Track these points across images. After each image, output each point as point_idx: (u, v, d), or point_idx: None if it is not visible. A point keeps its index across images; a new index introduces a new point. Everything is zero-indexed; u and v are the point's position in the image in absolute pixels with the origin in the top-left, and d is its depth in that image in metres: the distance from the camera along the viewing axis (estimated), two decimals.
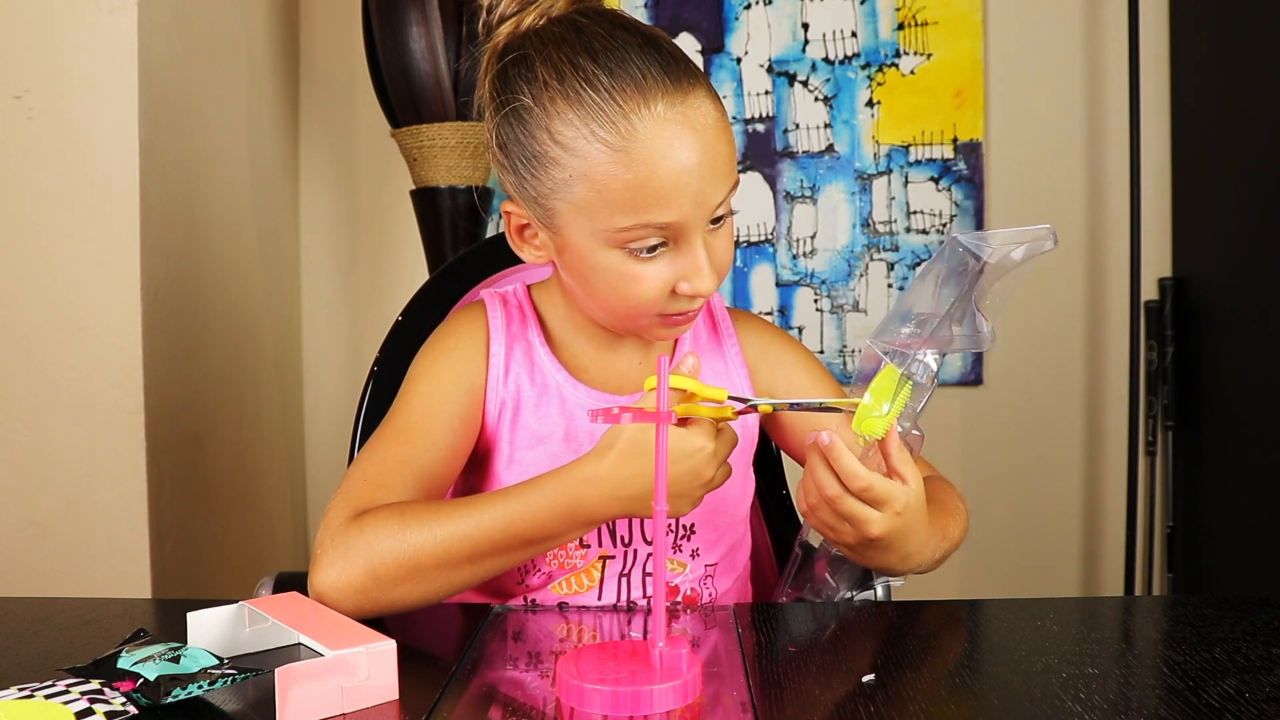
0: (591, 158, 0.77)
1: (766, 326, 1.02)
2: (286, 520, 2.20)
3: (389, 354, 1.15)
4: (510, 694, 0.69)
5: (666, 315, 0.83)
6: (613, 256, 0.80)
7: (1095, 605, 0.84)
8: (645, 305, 0.82)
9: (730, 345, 0.98)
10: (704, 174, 0.77)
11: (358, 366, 2.29)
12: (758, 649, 0.75)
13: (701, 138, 0.77)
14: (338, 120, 2.30)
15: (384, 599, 0.76)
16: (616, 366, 0.93)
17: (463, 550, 0.76)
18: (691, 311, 0.84)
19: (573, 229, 0.81)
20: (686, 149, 0.76)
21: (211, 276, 1.81)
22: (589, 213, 0.79)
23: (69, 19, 1.49)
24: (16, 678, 0.65)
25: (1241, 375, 1.96)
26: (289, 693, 0.60)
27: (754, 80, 2.24)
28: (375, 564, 0.75)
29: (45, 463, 1.52)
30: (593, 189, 0.77)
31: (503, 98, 0.82)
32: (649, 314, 0.83)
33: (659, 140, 0.76)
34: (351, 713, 0.62)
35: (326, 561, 0.75)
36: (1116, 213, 2.20)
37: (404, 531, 0.75)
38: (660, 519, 0.64)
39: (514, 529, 0.77)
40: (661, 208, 0.77)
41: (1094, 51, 2.22)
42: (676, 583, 0.93)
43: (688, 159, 0.76)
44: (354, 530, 0.76)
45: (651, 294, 0.81)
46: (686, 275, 0.80)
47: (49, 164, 1.50)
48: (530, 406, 0.91)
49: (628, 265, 0.80)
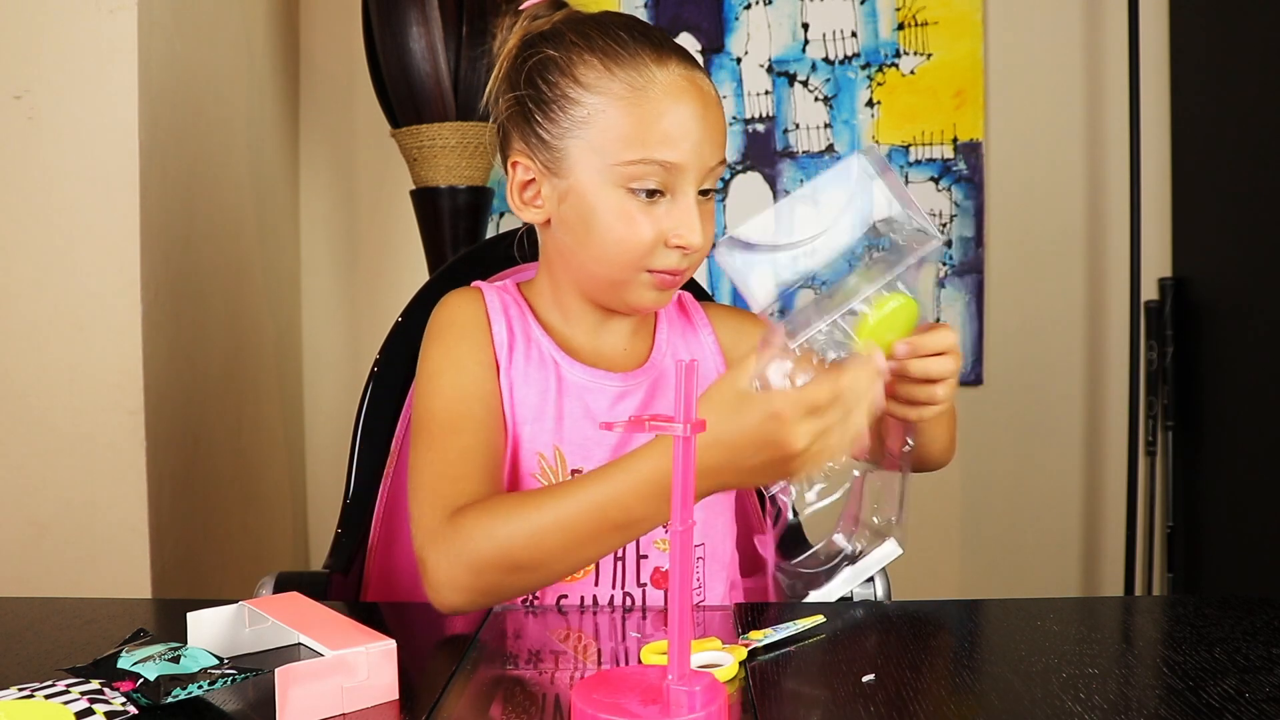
0: (612, 92, 0.85)
1: (736, 311, 1.05)
2: (286, 520, 2.20)
3: (389, 355, 1.15)
4: (510, 694, 0.69)
5: (655, 272, 0.88)
6: (615, 195, 0.86)
7: (1095, 605, 0.84)
8: (638, 250, 0.86)
9: (705, 332, 1.01)
10: (706, 132, 0.86)
11: (358, 367, 2.29)
12: (758, 649, 0.75)
13: (706, 101, 0.87)
14: (338, 120, 2.30)
15: (491, 593, 0.78)
16: (603, 350, 0.96)
17: (555, 542, 0.76)
18: (678, 271, 0.88)
19: (581, 167, 0.87)
20: (694, 103, 0.86)
21: (211, 276, 1.81)
22: (600, 148, 0.86)
23: (69, 19, 1.49)
24: (16, 678, 0.65)
25: (1241, 375, 1.96)
26: (289, 693, 0.60)
27: (754, 80, 2.24)
28: (474, 562, 0.76)
29: (45, 463, 1.52)
30: (608, 123, 0.85)
31: (525, 54, 0.90)
32: (639, 265, 0.87)
33: (673, 88, 0.85)
34: (351, 713, 0.62)
35: (433, 565, 0.77)
36: (1116, 213, 2.20)
37: (494, 527, 0.76)
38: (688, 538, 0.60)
39: (604, 514, 0.76)
40: (668, 147, 0.84)
41: (1094, 51, 2.22)
42: (667, 569, 0.93)
43: (695, 111, 0.85)
44: (450, 531, 0.78)
45: (645, 238, 0.86)
46: (678, 226, 0.86)
47: (49, 164, 1.50)
48: (529, 383, 0.93)
49: (627, 205, 0.86)
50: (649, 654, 0.71)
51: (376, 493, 1.12)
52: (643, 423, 0.61)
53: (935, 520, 2.23)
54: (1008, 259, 2.24)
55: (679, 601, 0.60)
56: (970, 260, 2.23)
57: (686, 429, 0.59)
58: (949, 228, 2.23)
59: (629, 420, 0.62)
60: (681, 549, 0.60)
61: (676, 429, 0.59)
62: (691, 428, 0.59)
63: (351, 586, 1.07)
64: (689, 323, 1.02)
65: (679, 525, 0.60)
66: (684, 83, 0.86)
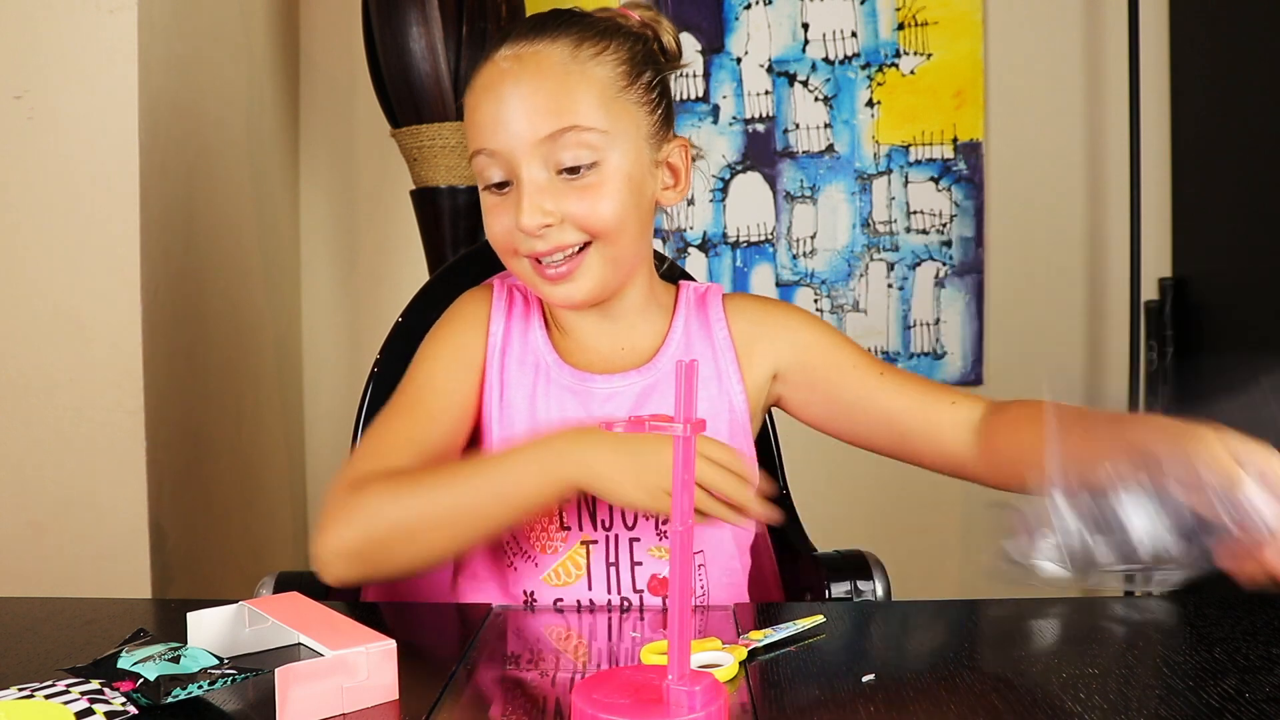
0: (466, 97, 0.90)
1: (759, 301, 1.02)
2: (286, 520, 2.20)
3: (389, 355, 1.15)
4: (510, 694, 0.69)
5: (532, 259, 0.88)
6: (483, 193, 0.89)
7: (1095, 605, 0.84)
8: (501, 241, 0.89)
9: (719, 329, 0.98)
10: (522, 106, 0.85)
11: (358, 367, 2.29)
12: (758, 649, 0.75)
13: (525, 74, 0.85)
14: (338, 120, 2.30)
15: (381, 563, 0.80)
16: (601, 349, 0.96)
17: (448, 512, 0.79)
18: (547, 255, 0.87)
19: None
20: (505, 83, 0.85)
21: (211, 276, 1.81)
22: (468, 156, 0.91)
23: (69, 19, 1.49)
24: (16, 678, 0.65)
25: (1241, 375, 1.96)
26: (289, 693, 0.60)
27: (754, 80, 2.24)
28: (369, 528, 0.78)
29: (45, 463, 1.52)
30: (466, 133, 0.90)
31: None
32: (511, 252, 0.89)
33: (489, 77, 0.87)
34: (351, 713, 0.62)
35: (327, 526, 0.79)
36: (1116, 213, 2.20)
37: (397, 496, 0.79)
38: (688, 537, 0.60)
39: (496, 488, 0.79)
40: (484, 136, 0.86)
41: (1094, 51, 2.22)
42: (665, 576, 0.93)
43: (505, 92, 0.85)
44: (352, 497, 0.80)
45: (499, 227, 0.88)
46: (514, 208, 0.86)
47: (49, 164, 1.50)
48: (518, 384, 0.94)
49: (486, 201, 0.89)
50: (649, 654, 0.71)
51: None
52: (643, 422, 0.61)
53: (935, 520, 2.23)
54: (1008, 259, 2.24)
55: (679, 602, 0.60)
56: (970, 260, 2.23)
57: (686, 429, 0.59)
58: (949, 228, 2.23)
59: (628, 420, 0.61)
60: (681, 549, 0.60)
61: (676, 429, 0.59)
62: (691, 428, 0.59)
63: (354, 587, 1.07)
64: (705, 317, 0.99)
65: (679, 525, 0.60)
66: (504, 66, 0.86)
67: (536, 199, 0.85)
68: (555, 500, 0.80)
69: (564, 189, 0.86)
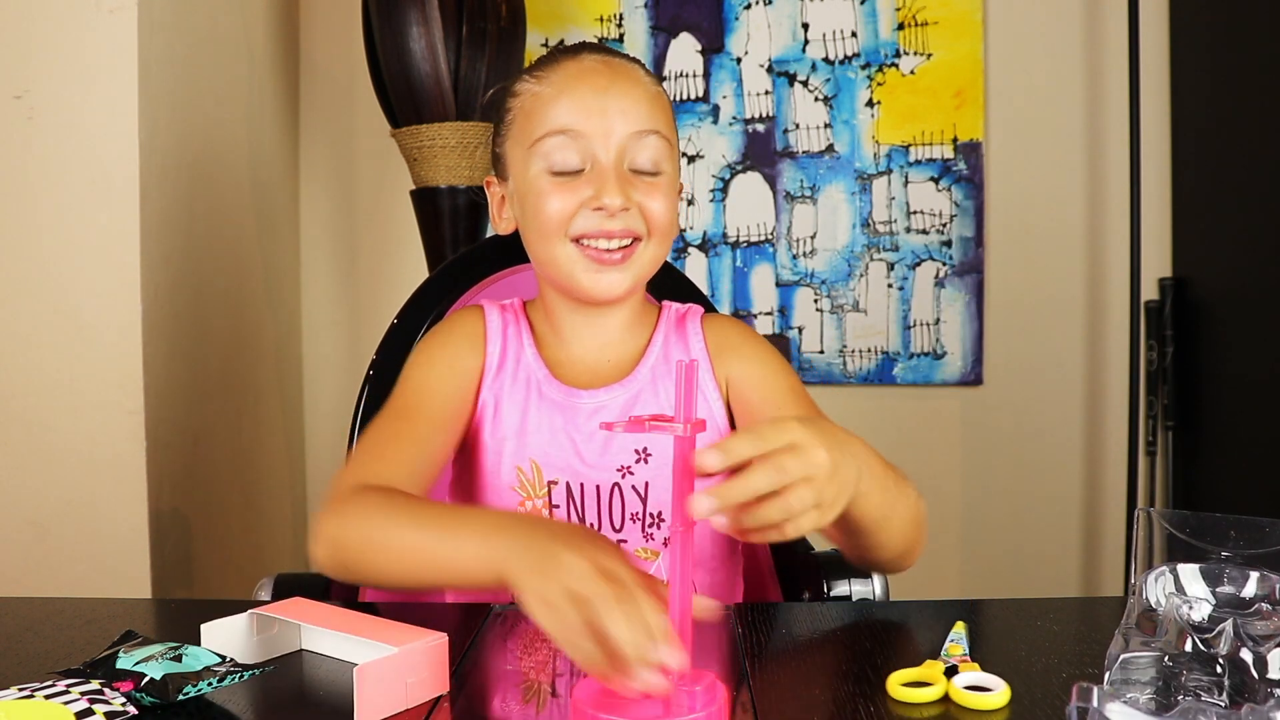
0: (530, 90, 0.94)
1: (732, 322, 1.05)
2: (286, 520, 2.20)
3: (386, 356, 1.15)
4: (510, 693, 0.69)
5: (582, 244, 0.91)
6: (539, 175, 0.92)
7: (1095, 605, 0.84)
8: (555, 220, 0.91)
9: (695, 342, 1.01)
10: (620, 100, 0.91)
11: (358, 366, 2.29)
12: (758, 649, 0.75)
13: (616, 77, 0.92)
14: (338, 120, 2.30)
15: (350, 566, 0.81)
16: (589, 360, 0.99)
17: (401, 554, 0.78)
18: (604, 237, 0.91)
19: (516, 162, 0.95)
20: (599, 77, 0.92)
21: (211, 277, 1.81)
22: (521, 138, 0.94)
23: (69, 19, 1.49)
24: (16, 678, 0.65)
25: (1241, 375, 1.96)
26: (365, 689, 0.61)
27: (754, 80, 2.24)
28: (343, 534, 0.80)
29: (45, 463, 1.52)
30: (526, 112, 0.94)
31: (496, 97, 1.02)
32: (562, 230, 0.91)
33: (578, 68, 0.93)
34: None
35: (319, 518, 0.81)
36: (1116, 213, 2.20)
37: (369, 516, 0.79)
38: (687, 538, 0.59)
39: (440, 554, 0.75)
40: (571, 118, 0.90)
41: (1094, 51, 2.22)
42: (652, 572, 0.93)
43: (599, 84, 0.91)
44: (346, 503, 0.81)
45: (557, 206, 0.90)
46: (597, 189, 0.90)
47: (49, 164, 1.50)
48: (512, 401, 0.97)
49: (546, 182, 0.91)
50: None
51: None
52: (643, 423, 0.60)
53: (935, 520, 2.22)
54: (1008, 259, 2.24)
55: (679, 602, 0.60)
56: (970, 260, 2.23)
57: (686, 429, 0.59)
58: (949, 228, 2.23)
59: (629, 420, 0.61)
60: (681, 550, 0.60)
61: (676, 429, 0.59)
62: (691, 428, 0.59)
63: (351, 586, 1.07)
64: (683, 332, 1.02)
65: (679, 526, 0.60)
66: (592, 64, 0.93)
67: (621, 182, 0.90)
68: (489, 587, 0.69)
69: (635, 182, 0.92)
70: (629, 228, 0.91)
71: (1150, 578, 0.69)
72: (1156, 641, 0.61)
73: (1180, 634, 0.61)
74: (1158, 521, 0.72)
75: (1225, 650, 0.59)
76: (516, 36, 1.94)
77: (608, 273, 0.92)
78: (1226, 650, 0.59)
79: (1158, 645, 0.61)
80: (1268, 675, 0.58)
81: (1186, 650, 0.60)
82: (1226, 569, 0.68)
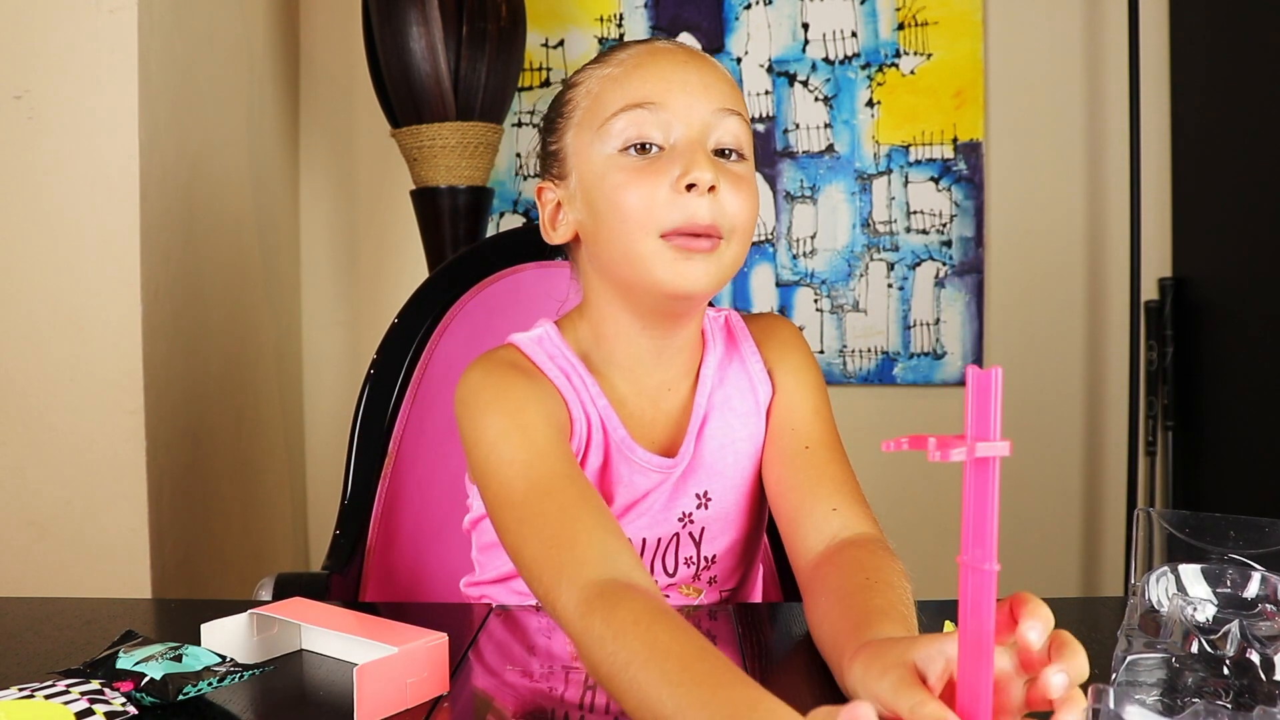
0: (593, 77, 0.85)
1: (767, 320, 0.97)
2: (286, 520, 2.20)
3: (386, 356, 1.15)
4: (510, 693, 0.69)
5: (671, 237, 0.79)
6: (612, 161, 0.81)
7: (1095, 605, 0.84)
8: (641, 212, 0.79)
9: (753, 362, 0.93)
10: (703, 77, 0.83)
11: (358, 366, 2.29)
12: (758, 649, 0.75)
13: (691, 55, 0.84)
14: (338, 120, 2.30)
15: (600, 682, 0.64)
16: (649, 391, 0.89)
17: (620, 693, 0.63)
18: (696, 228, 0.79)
19: (579, 153, 0.84)
20: (675, 55, 0.84)
21: (211, 276, 1.81)
22: (588, 122, 0.84)
23: (69, 19, 1.49)
24: (16, 678, 0.65)
25: (1241, 375, 1.96)
26: (365, 689, 0.61)
27: (754, 80, 2.24)
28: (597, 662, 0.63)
29: (45, 463, 1.52)
30: (592, 96, 0.84)
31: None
32: (650, 223, 0.79)
33: (648, 49, 0.85)
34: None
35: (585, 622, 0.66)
36: (1116, 213, 2.20)
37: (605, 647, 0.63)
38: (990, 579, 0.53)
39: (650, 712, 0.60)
40: (654, 91, 0.81)
41: (1094, 51, 2.22)
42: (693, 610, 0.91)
43: (676, 60, 0.83)
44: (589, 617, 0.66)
45: (641, 195, 0.79)
46: (685, 167, 0.78)
47: (49, 164, 1.50)
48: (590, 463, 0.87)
49: (626, 164, 0.81)
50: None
51: (374, 494, 1.12)
52: (925, 442, 0.50)
53: (935, 520, 2.23)
54: (1008, 259, 2.24)
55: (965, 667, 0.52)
56: (970, 260, 2.23)
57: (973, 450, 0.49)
58: (949, 228, 2.23)
59: (909, 438, 0.50)
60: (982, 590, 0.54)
61: (1000, 448, 0.50)
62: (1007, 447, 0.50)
63: (350, 586, 1.07)
64: (733, 346, 0.94)
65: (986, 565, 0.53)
66: (665, 45, 0.85)
67: (707, 159, 0.79)
68: None
69: (721, 166, 0.81)
70: (725, 211, 0.80)
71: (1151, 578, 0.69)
72: (1161, 643, 0.61)
73: (1186, 635, 0.61)
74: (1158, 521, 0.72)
75: (1232, 652, 0.59)
76: (516, 36, 1.94)
77: (695, 261, 0.79)
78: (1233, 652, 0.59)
79: (1163, 646, 0.61)
80: (1275, 677, 0.57)
81: (1192, 651, 0.60)
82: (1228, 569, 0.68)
